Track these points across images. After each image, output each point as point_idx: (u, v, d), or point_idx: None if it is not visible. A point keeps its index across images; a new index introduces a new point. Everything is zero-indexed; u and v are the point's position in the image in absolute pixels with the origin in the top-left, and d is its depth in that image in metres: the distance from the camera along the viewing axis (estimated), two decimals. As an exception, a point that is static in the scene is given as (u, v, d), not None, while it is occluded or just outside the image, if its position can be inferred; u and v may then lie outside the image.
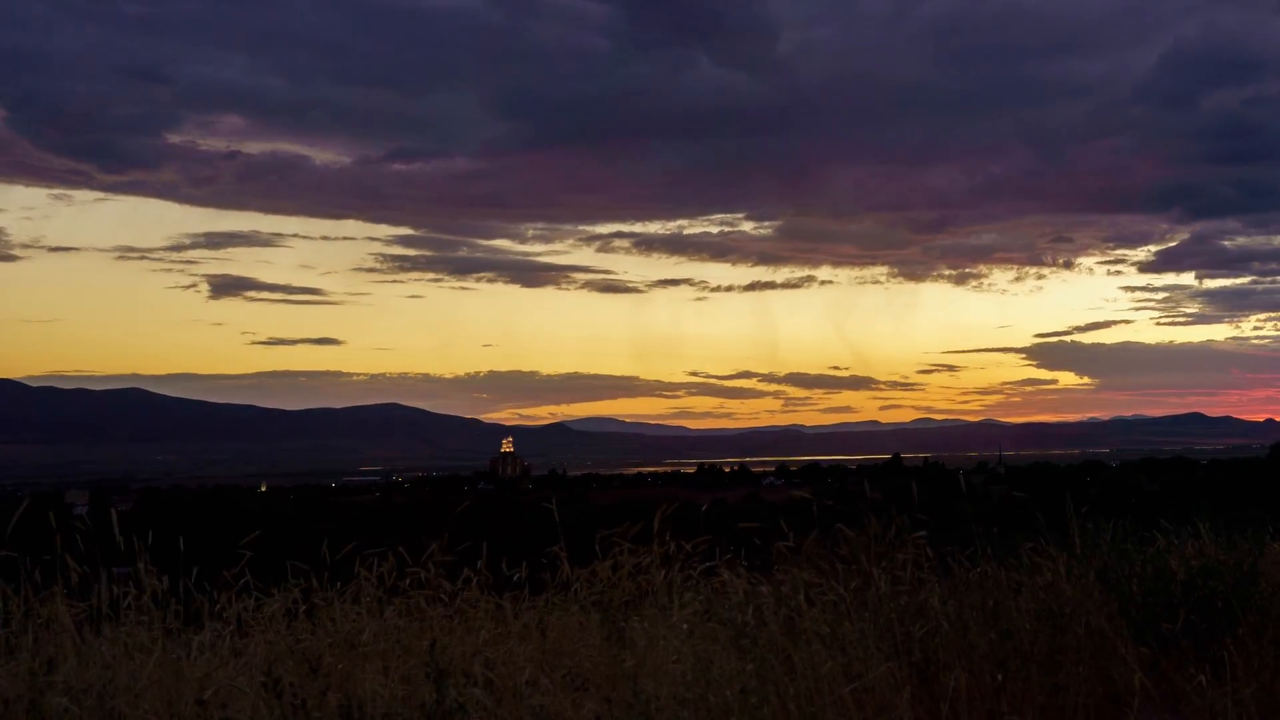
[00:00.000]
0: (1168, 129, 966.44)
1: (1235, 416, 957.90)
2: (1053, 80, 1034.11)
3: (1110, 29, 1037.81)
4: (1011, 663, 7.72)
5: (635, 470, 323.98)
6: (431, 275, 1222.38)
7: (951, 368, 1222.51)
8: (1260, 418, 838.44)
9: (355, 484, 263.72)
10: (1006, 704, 7.54)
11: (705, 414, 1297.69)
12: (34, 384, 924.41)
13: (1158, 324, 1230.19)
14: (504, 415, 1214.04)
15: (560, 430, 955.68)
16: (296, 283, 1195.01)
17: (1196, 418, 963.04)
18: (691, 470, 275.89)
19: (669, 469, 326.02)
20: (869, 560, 8.67)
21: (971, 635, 7.85)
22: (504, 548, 10.13)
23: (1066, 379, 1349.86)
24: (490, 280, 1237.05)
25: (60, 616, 8.05)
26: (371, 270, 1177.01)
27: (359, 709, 6.35)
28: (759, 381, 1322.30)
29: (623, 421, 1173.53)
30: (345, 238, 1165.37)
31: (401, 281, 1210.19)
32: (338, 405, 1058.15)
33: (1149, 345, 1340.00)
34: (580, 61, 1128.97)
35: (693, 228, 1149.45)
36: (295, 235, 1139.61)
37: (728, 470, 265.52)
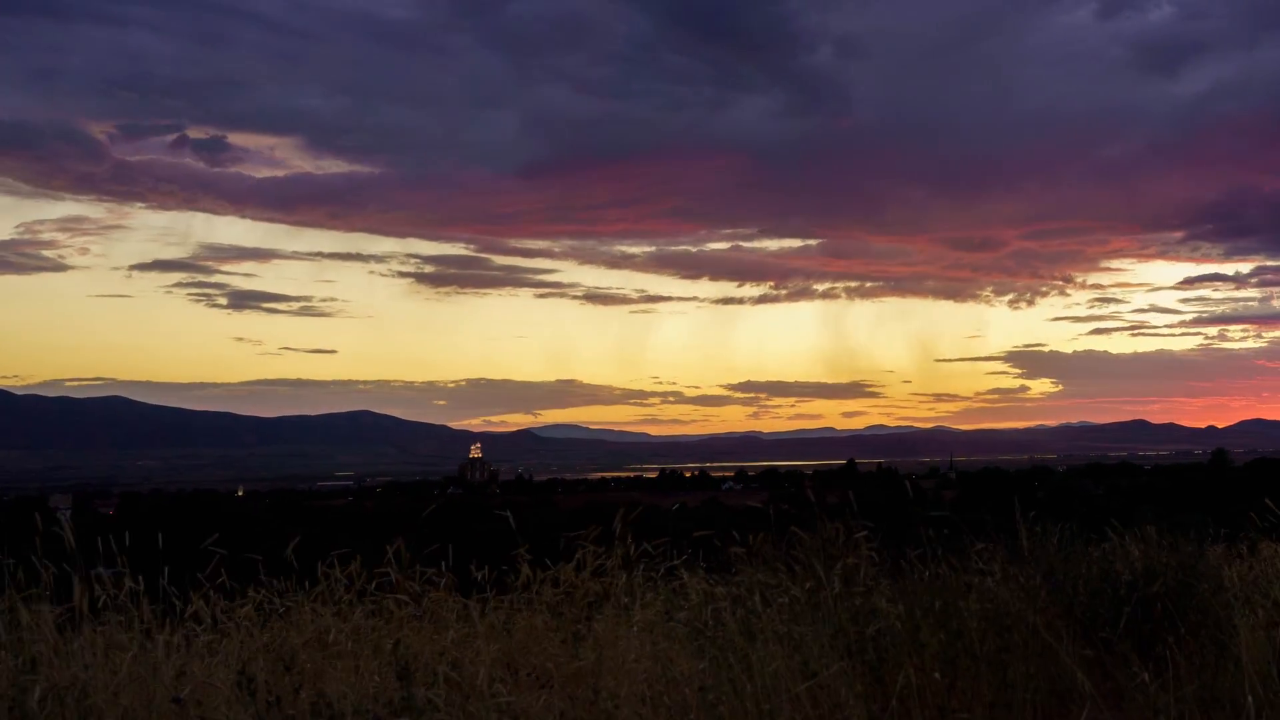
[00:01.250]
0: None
1: (1178, 423, 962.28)
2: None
3: None
4: (961, 661, 7.74)
5: (599, 475, 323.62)
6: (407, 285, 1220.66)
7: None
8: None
9: (329, 489, 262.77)
10: (956, 701, 7.56)
11: (671, 420, 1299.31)
12: (19, 392, 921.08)
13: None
14: (473, 422, 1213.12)
15: (527, 436, 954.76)
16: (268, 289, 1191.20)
17: (1141, 424, 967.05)
18: (654, 475, 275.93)
19: (632, 474, 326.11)
20: (822, 562, 8.67)
21: (921, 635, 7.85)
22: (470, 550, 10.12)
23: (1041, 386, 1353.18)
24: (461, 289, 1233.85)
25: (42, 616, 8.01)
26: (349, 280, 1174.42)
27: (330, 706, 6.32)
28: (720, 389, 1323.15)
29: (588, 428, 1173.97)
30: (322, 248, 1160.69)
31: (379, 289, 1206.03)
32: (313, 413, 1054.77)
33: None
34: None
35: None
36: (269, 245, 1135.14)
37: (689, 475, 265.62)
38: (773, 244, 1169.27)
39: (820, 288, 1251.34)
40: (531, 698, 7.24)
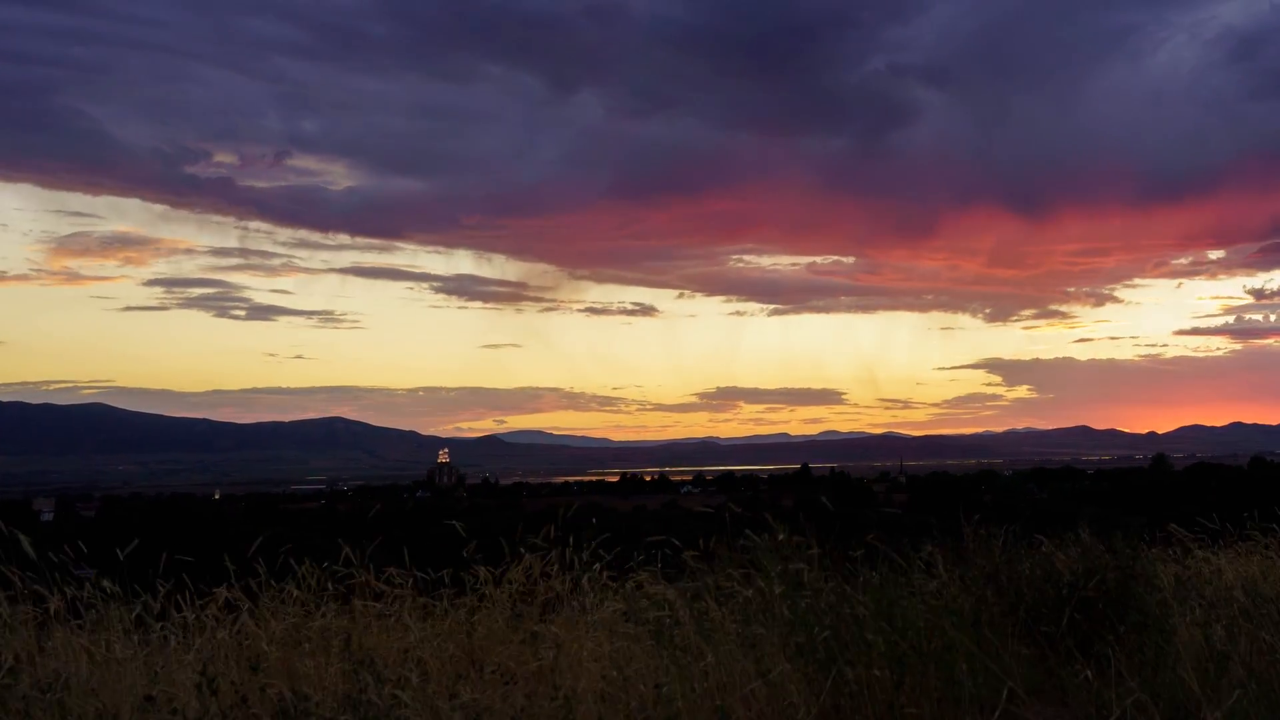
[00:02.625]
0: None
1: (1119, 429, 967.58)
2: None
3: None
4: (909, 659, 7.73)
5: (563, 479, 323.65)
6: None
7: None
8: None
9: (302, 492, 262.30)
10: (904, 698, 7.56)
11: (634, 426, 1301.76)
12: (4, 398, 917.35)
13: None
14: (442, 428, 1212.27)
15: (494, 442, 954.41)
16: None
17: (1084, 429, 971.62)
18: (615, 479, 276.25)
19: (594, 478, 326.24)
20: (775, 564, 8.67)
21: (870, 634, 7.84)
22: (436, 550, 10.11)
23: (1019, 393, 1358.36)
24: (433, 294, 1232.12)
25: (22, 617, 8.00)
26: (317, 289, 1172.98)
27: (296, 704, 6.30)
28: (683, 396, 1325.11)
29: (552, 434, 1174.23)
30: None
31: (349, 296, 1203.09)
32: (285, 419, 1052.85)
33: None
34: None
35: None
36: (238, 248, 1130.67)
37: (648, 479, 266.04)
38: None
39: (789, 302, 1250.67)
40: (492, 695, 7.23)
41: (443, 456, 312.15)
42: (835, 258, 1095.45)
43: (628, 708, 6.97)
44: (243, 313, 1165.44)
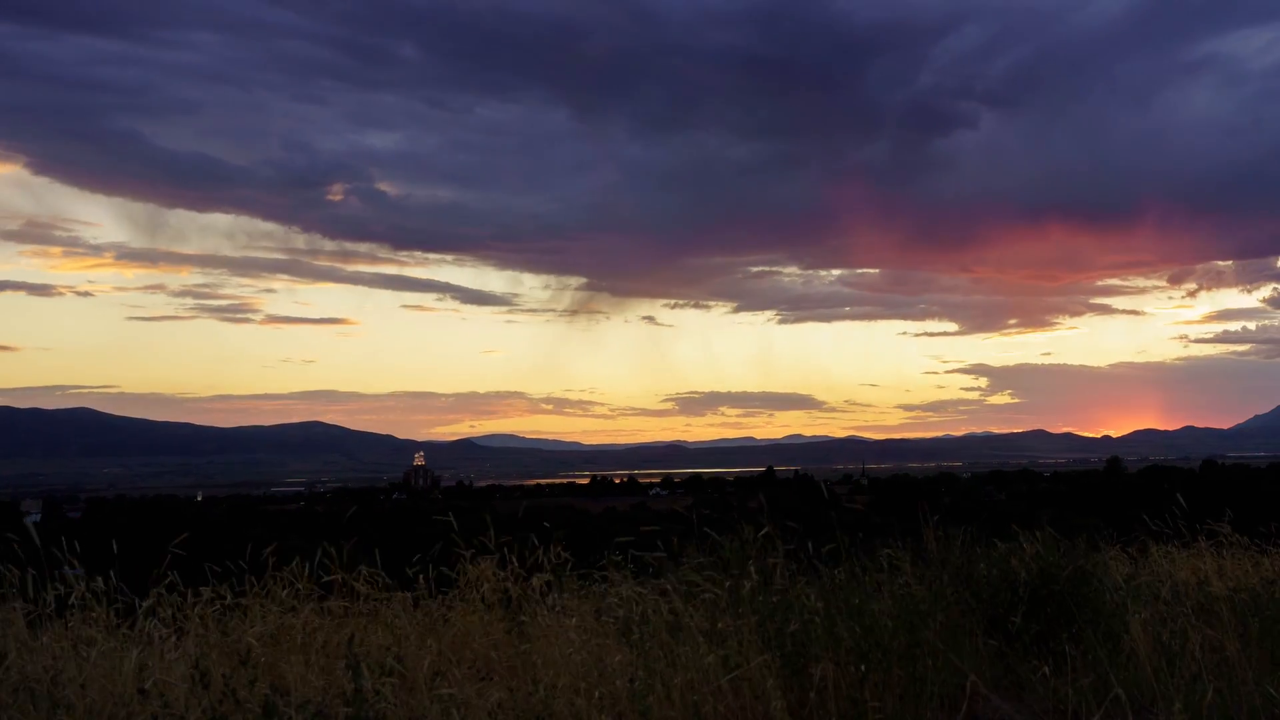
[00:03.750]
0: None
1: (1075, 433, 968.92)
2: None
3: None
4: (873, 655, 7.77)
5: (535, 482, 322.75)
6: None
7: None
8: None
9: (282, 494, 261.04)
10: (869, 693, 7.59)
11: (602, 430, 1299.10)
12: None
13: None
14: (417, 432, 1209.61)
15: (467, 446, 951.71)
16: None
17: (1040, 433, 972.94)
18: (585, 482, 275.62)
19: (565, 480, 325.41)
20: (742, 563, 8.70)
21: (836, 630, 7.88)
22: (414, 549, 10.11)
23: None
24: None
25: (12, 614, 8.00)
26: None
27: (283, 697, 6.31)
28: (649, 400, 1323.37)
29: (524, 438, 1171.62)
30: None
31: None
32: (265, 423, 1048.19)
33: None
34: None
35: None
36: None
37: (618, 481, 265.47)
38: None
39: (743, 311, 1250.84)
40: (472, 689, 7.25)
41: (418, 459, 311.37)
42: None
43: (601, 702, 6.99)
44: (233, 319, 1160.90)
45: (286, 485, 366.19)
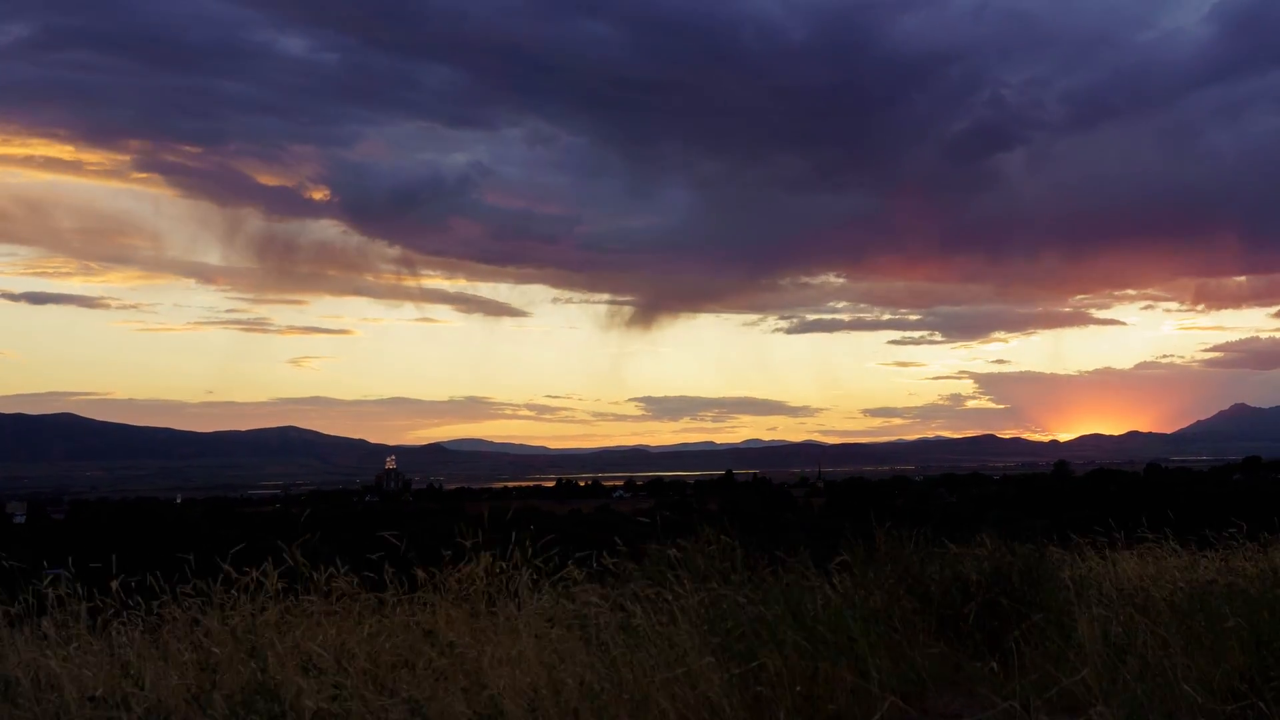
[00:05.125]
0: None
1: (1023, 438, 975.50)
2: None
3: None
4: (824, 653, 7.77)
5: (502, 485, 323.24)
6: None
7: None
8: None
9: (258, 497, 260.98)
10: (820, 689, 7.59)
11: (567, 435, 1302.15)
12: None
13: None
14: (389, 437, 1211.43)
15: (437, 450, 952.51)
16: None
17: (990, 438, 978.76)
18: (551, 485, 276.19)
19: (531, 484, 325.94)
20: (699, 564, 8.72)
21: (780, 633, 7.90)
22: (385, 551, 10.08)
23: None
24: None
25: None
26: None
27: (262, 694, 6.32)
28: (610, 404, 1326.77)
29: (491, 442, 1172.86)
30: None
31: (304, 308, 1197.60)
32: (242, 428, 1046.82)
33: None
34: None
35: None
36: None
37: (582, 484, 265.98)
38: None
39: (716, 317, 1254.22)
40: (432, 687, 7.25)
41: (390, 463, 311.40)
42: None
43: (555, 698, 6.98)
44: (211, 327, 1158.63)
45: (263, 488, 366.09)
